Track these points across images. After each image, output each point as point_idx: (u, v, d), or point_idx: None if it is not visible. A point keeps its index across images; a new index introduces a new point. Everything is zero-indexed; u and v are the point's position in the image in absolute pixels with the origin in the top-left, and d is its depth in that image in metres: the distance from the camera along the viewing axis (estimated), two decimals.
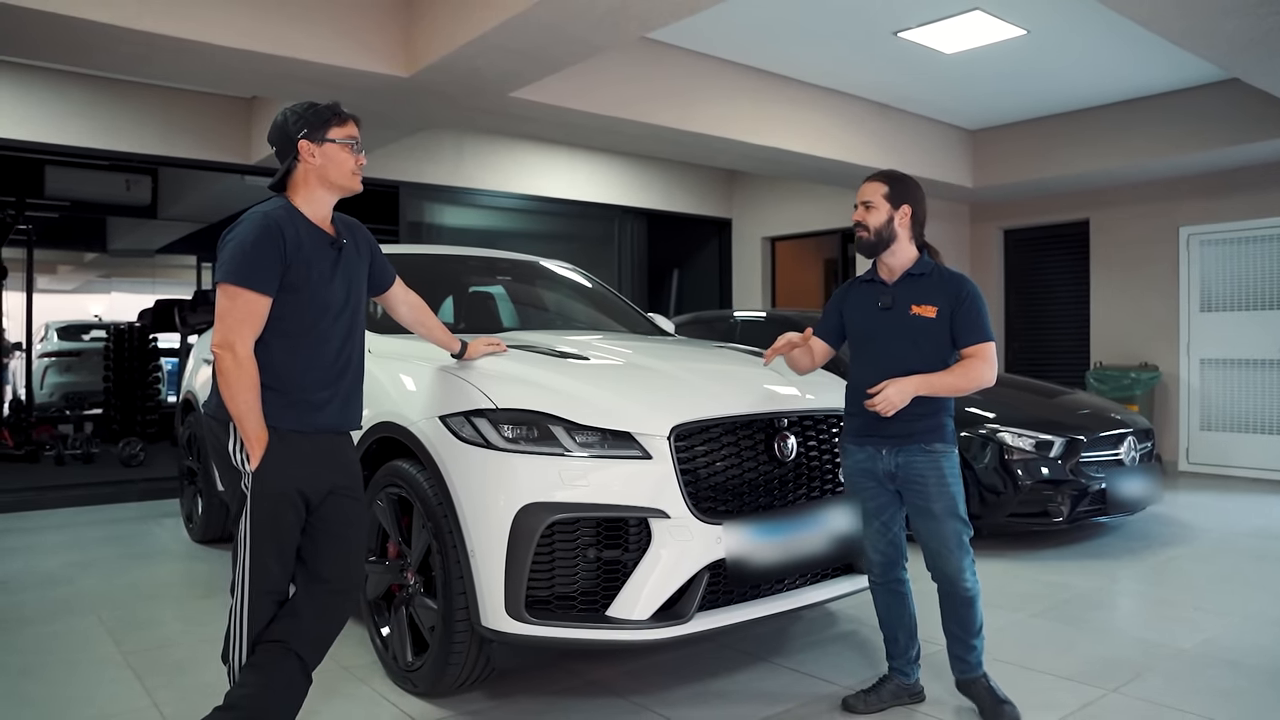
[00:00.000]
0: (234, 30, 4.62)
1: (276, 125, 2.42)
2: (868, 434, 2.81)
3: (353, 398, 2.51)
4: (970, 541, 2.78)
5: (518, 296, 4.92)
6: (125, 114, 7.04)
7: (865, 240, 2.84)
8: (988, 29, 5.85)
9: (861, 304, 2.90)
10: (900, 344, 2.78)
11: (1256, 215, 7.83)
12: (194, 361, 5.54)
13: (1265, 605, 4.07)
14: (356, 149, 2.43)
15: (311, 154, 2.38)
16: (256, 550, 2.33)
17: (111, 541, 5.37)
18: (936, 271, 2.83)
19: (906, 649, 2.93)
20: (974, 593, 2.76)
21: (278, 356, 2.33)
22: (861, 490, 2.88)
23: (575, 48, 4.69)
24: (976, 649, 2.80)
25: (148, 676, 3.17)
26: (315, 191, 2.42)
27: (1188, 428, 8.25)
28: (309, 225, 2.40)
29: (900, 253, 2.83)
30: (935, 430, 2.75)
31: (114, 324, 10.63)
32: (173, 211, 10.27)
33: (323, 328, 2.39)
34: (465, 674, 2.85)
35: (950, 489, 2.73)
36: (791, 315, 6.61)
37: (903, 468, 2.76)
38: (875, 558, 2.90)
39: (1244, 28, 4.47)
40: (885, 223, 2.81)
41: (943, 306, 2.75)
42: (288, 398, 2.34)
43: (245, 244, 2.27)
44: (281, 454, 2.31)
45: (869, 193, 2.84)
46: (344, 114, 2.43)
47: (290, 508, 2.35)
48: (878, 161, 7.68)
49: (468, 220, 9.04)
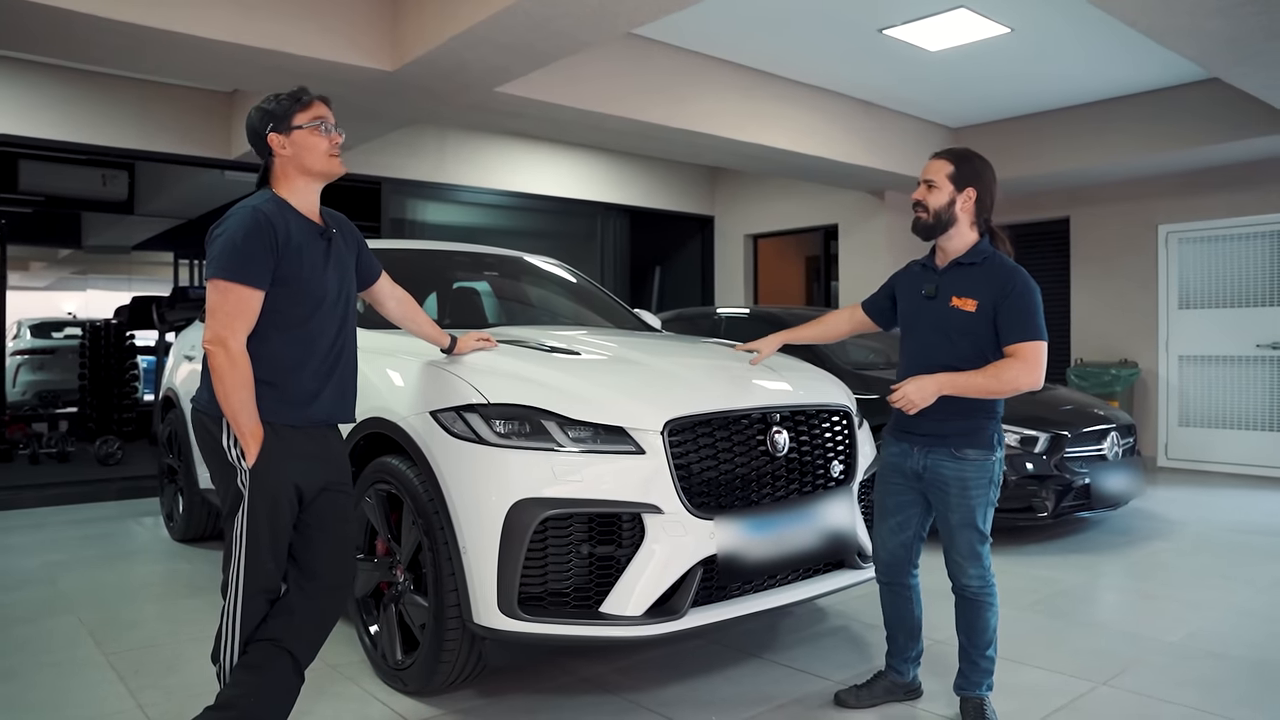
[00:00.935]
0: (219, 23, 4.56)
1: (248, 125, 2.40)
2: (904, 429, 2.72)
3: (347, 390, 2.49)
4: (988, 552, 2.66)
5: (503, 292, 4.89)
6: (102, 107, 6.93)
7: (923, 221, 2.66)
8: (972, 27, 5.88)
9: (910, 289, 2.78)
10: (935, 337, 2.64)
11: (1233, 214, 7.93)
12: (174, 358, 5.46)
13: (1246, 598, 4.11)
14: (326, 129, 2.37)
15: (282, 146, 2.35)
16: (253, 548, 2.29)
17: (90, 541, 5.29)
18: (989, 261, 2.62)
19: (904, 649, 2.89)
20: (981, 599, 2.64)
21: (271, 350, 2.29)
22: (887, 484, 2.80)
23: (562, 43, 4.67)
24: (981, 667, 2.67)
25: (132, 678, 3.12)
26: (296, 182, 2.39)
27: (1166, 423, 8.35)
28: (298, 216, 2.37)
29: (958, 238, 2.65)
30: (968, 435, 2.60)
31: (90, 321, 10.47)
32: (150, 207, 10.12)
33: (316, 319, 2.36)
34: (457, 672, 2.83)
35: (969, 501, 2.59)
36: (776, 312, 6.62)
37: (929, 469, 2.66)
38: (883, 555, 2.83)
39: (1226, 27, 4.51)
40: (946, 205, 2.62)
41: (985, 301, 2.56)
42: (282, 392, 2.31)
43: (235, 238, 2.23)
44: (277, 449, 2.28)
45: (933, 171, 2.65)
46: (307, 97, 2.38)
47: (287, 504, 2.32)
48: (861, 159, 7.72)
49: (450, 217, 8.99)
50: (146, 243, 13.34)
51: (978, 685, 2.71)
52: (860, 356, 6.34)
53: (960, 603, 2.70)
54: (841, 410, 3.29)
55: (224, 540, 2.38)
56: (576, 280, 4.88)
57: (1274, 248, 7.78)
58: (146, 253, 14.60)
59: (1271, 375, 7.80)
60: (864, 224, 9.31)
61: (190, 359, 5.03)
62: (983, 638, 2.67)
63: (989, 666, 2.70)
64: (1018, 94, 7.50)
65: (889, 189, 8.93)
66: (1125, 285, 8.41)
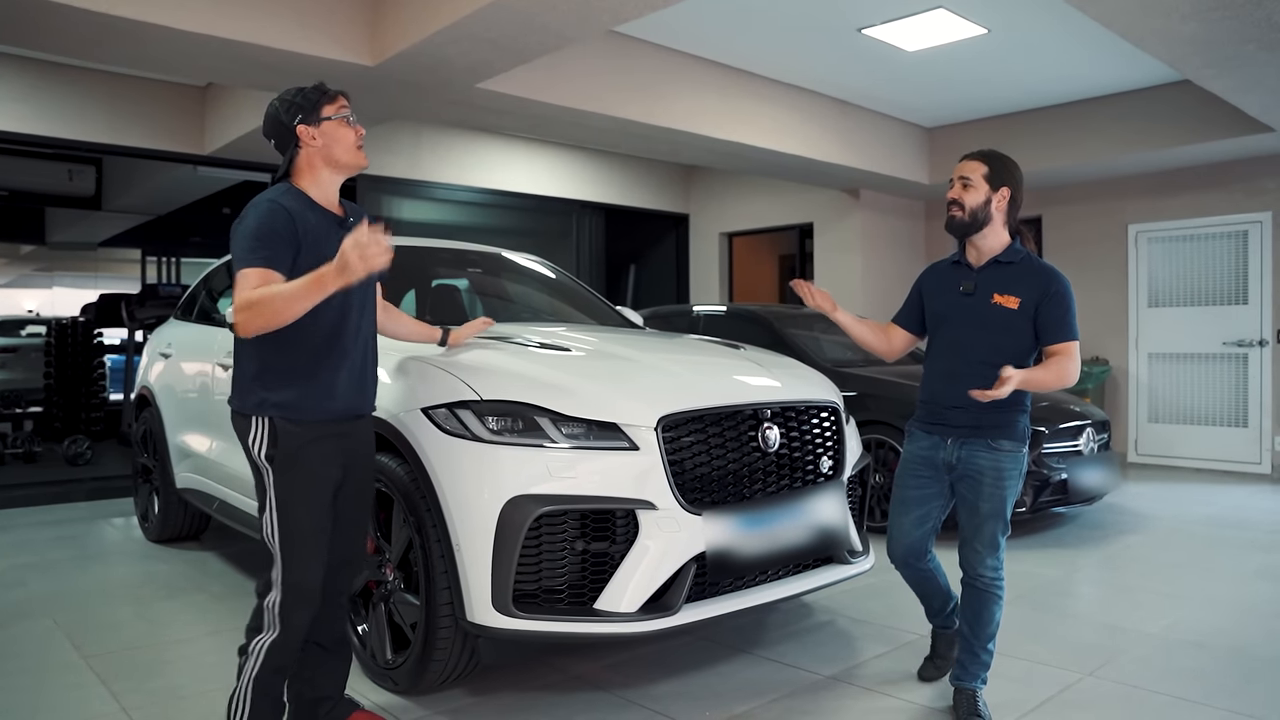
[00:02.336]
0: (193, 15, 4.47)
1: (269, 118, 2.39)
2: (936, 422, 2.77)
3: (367, 381, 2.49)
4: (1004, 545, 2.76)
5: (484, 289, 4.85)
6: (70, 100, 6.79)
7: (958, 219, 2.72)
8: (950, 27, 5.93)
9: (943, 286, 2.83)
10: (977, 332, 2.70)
11: (1200, 214, 8.08)
12: (149, 356, 5.36)
13: (1221, 589, 4.19)
14: (353, 121, 2.40)
15: (312, 136, 2.35)
16: (287, 543, 2.29)
17: (62, 542, 5.18)
18: (1026, 261, 2.72)
19: (943, 607, 3.00)
20: (991, 590, 2.71)
21: (292, 341, 2.26)
22: (912, 476, 2.83)
23: (547, 38, 4.64)
24: (980, 660, 2.74)
25: (114, 681, 3.06)
26: (321, 174, 2.38)
27: (1136, 419, 8.48)
28: (317, 208, 2.35)
29: (992, 236, 2.73)
30: (1004, 427, 2.68)
31: (56, 319, 10.27)
32: (118, 203, 9.95)
33: (336, 311, 2.32)
34: (449, 670, 2.81)
35: (1003, 491, 2.67)
36: (755, 309, 6.65)
37: (963, 461, 2.71)
38: (901, 547, 2.87)
39: (1200, 31, 4.58)
40: (982, 204, 2.69)
41: (1027, 299, 2.65)
42: (304, 384, 2.30)
43: (254, 229, 2.22)
44: (301, 442, 2.28)
45: (969, 169, 2.72)
46: (331, 90, 2.40)
47: (319, 497, 2.33)
48: (837, 157, 7.77)
49: (425, 214, 8.92)
50: (114, 239, 13.12)
51: (974, 677, 2.75)
52: (837, 354, 6.38)
53: (969, 593, 2.75)
54: (830, 407, 3.30)
55: (261, 540, 2.36)
56: (558, 277, 4.85)
57: (1239, 247, 7.94)
58: (114, 249, 14.37)
59: (1237, 372, 7.96)
60: (839, 222, 9.37)
61: (166, 356, 4.95)
62: (986, 630, 2.73)
63: (987, 660, 2.75)
64: (992, 95, 7.59)
65: (864, 188, 9.00)
66: (1096, 284, 8.54)
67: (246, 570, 4.50)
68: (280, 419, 2.27)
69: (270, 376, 2.28)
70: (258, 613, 2.33)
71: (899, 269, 9.53)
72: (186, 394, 4.61)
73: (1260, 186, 7.75)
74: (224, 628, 3.62)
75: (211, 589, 4.21)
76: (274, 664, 2.31)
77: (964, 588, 2.77)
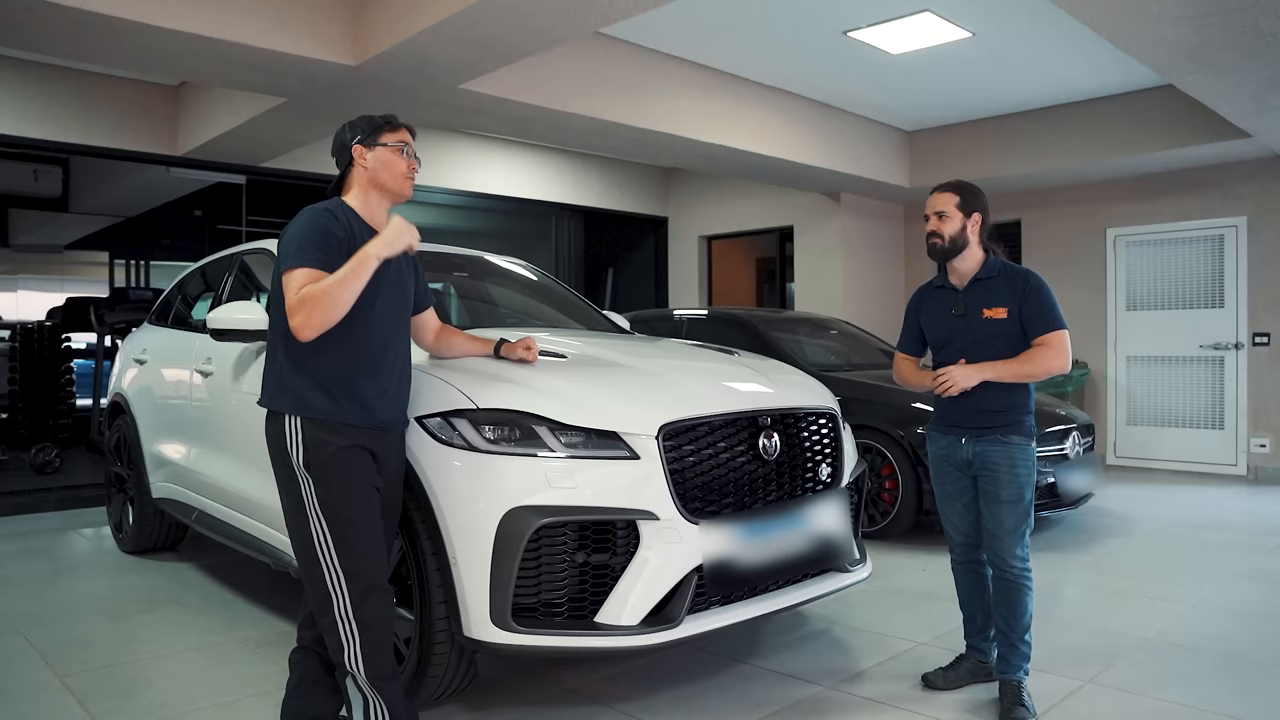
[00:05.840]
0: (167, 9, 4.36)
1: (337, 138, 2.52)
2: (950, 424, 2.99)
3: (402, 396, 2.54)
4: (1029, 535, 2.92)
5: (468, 293, 4.76)
6: (36, 98, 6.61)
7: (939, 247, 2.96)
8: (936, 30, 5.93)
9: (936, 311, 3.06)
10: (977, 347, 2.92)
11: (1178, 218, 8.16)
12: (122, 362, 5.21)
13: (1210, 593, 4.21)
14: (408, 154, 2.49)
15: (363, 157, 2.46)
16: (341, 543, 2.31)
17: (31, 555, 5.02)
18: (1003, 272, 2.95)
19: (984, 627, 3.06)
20: (1021, 580, 2.86)
21: (332, 350, 2.33)
22: (943, 474, 3.05)
23: (533, 38, 4.58)
24: (1020, 651, 2.87)
25: (92, 701, 2.94)
26: (369, 195, 2.49)
27: (1115, 422, 8.55)
28: (363, 224, 2.44)
29: (970, 257, 2.97)
30: (1010, 425, 2.89)
31: (20, 323, 10.00)
32: (86, 205, 9.72)
33: (376, 325, 2.40)
34: (444, 686, 2.73)
35: (1019, 478, 2.86)
36: (736, 313, 6.61)
37: (979, 456, 2.91)
38: (958, 538, 3.04)
39: (1187, 36, 4.61)
40: (959, 231, 2.94)
41: (1012, 306, 2.88)
42: (341, 393, 2.34)
43: (308, 230, 2.31)
44: (336, 444, 2.32)
45: (942, 203, 2.96)
46: (398, 123, 2.52)
47: (361, 492, 2.35)
48: (819, 160, 7.76)
49: (402, 215, 8.79)
50: (81, 241, 12.83)
51: (1016, 669, 2.86)
52: (821, 357, 6.36)
53: (1001, 585, 2.90)
54: (828, 413, 3.26)
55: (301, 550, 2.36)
56: (543, 281, 4.78)
57: (1216, 251, 8.03)
58: (80, 252, 14.05)
59: (1214, 375, 8.04)
60: (819, 226, 9.37)
61: (141, 363, 4.81)
62: (1021, 621, 2.86)
63: (1027, 651, 2.88)
64: (974, 98, 7.62)
65: (844, 191, 9.00)
66: (1075, 287, 8.59)
67: (225, 582, 4.38)
68: (313, 421, 2.31)
69: (309, 379, 2.33)
70: (331, 631, 2.33)
71: (879, 272, 9.55)
72: (163, 401, 4.49)
73: (1237, 191, 7.84)
74: (205, 642, 3.51)
75: (190, 602, 4.09)
76: (377, 671, 2.33)
77: (995, 582, 2.93)
